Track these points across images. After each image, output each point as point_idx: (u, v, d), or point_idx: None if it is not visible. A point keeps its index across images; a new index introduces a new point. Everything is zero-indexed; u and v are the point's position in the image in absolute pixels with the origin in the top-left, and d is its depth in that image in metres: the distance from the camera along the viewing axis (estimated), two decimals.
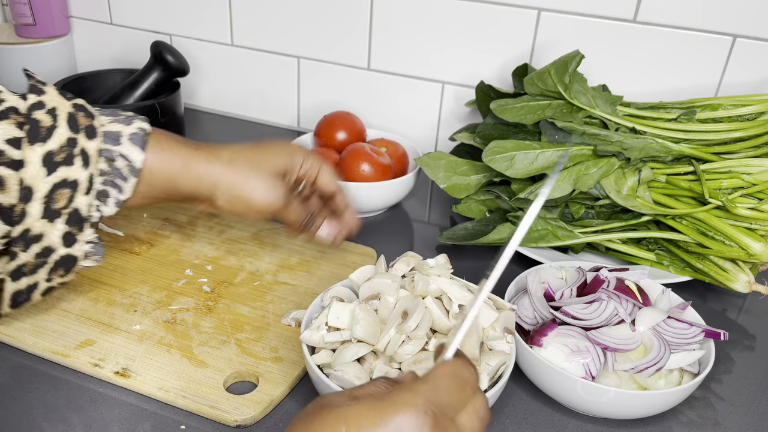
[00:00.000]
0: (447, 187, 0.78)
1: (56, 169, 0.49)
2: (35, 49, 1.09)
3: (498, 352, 0.51)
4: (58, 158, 0.50)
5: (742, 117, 0.72)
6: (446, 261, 0.58)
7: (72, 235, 0.52)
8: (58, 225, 0.51)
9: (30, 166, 0.48)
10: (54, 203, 0.50)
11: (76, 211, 0.51)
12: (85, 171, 0.51)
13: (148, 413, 0.53)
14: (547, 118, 0.72)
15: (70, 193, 0.50)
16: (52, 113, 0.50)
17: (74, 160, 0.50)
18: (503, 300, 0.55)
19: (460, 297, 0.53)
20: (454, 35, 0.92)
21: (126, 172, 0.53)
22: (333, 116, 0.88)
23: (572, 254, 0.73)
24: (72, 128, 0.51)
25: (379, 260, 0.58)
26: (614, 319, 0.55)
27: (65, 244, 0.52)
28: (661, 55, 0.83)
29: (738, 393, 0.58)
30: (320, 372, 0.49)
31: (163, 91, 0.91)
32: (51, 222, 0.50)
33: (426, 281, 0.53)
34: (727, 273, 0.66)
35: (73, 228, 0.52)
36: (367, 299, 0.53)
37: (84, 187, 0.51)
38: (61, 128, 0.50)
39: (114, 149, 0.53)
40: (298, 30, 1.00)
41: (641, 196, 0.69)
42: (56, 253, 0.52)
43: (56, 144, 0.50)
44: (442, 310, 0.52)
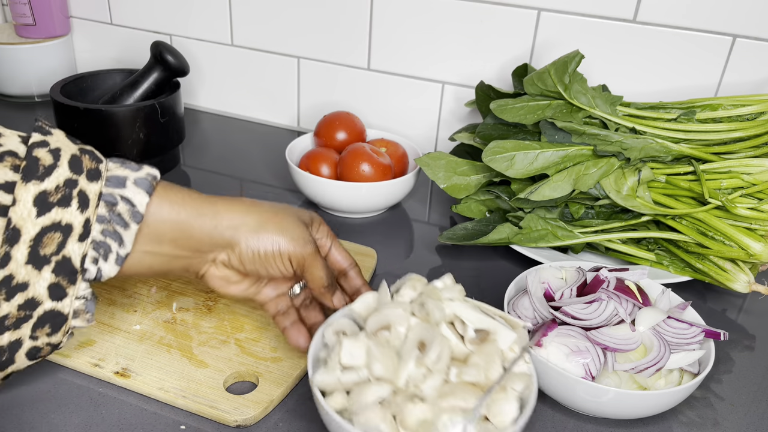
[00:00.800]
0: (447, 187, 0.78)
1: (49, 210, 0.44)
2: (35, 49, 1.09)
3: (521, 374, 0.48)
4: (52, 199, 0.44)
5: (741, 117, 0.72)
6: (452, 280, 0.53)
7: (61, 287, 0.45)
8: (44, 274, 0.44)
9: (20, 205, 0.43)
10: (42, 248, 0.44)
11: (66, 259, 0.45)
12: (81, 215, 0.45)
13: (148, 413, 0.53)
14: (547, 118, 0.72)
15: (60, 237, 0.44)
16: (54, 153, 0.45)
17: (71, 201, 0.45)
18: (514, 317, 0.52)
19: (476, 320, 0.49)
20: (454, 35, 0.92)
21: (127, 218, 0.47)
22: (333, 116, 0.88)
23: (572, 254, 0.73)
24: (74, 169, 0.46)
25: (381, 287, 0.52)
26: (614, 319, 0.55)
27: (52, 297, 0.45)
28: (661, 55, 0.83)
29: (738, 393, 0.58)
30: (342, 420, 0.44)
31: (163, 91, 0.91)
32: (37, 269, 0.44)
33: (440, 308, 0.49)
34: (727, 273, 0.66)
35: (62, 279, 0.45)
36: (376, 331, 0.48)
37: (78, 232, 0.45)
38: (61, 168, 0.45)
39: (116, 192, 0.47)
40: (298, 30, 1.00)
41: (641, 196, 0.69)
42: (42, 307, 0.45)
43: (53, 184, 0.44)
44: (457, 335, 0.49)
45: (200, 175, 0.92)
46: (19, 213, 0.43)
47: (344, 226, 0.81)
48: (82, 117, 0.82)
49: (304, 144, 0.89)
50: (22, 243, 0.43)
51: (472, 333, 0.49)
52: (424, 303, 0.49)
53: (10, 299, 0.43)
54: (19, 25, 1.09)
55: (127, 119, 0.83)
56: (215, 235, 0.51)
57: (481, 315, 0.49)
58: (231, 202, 0.53)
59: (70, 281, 0.45)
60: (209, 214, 0.51)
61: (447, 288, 0.52)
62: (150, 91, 0.89)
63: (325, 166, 0.82)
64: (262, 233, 0.52)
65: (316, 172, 0.81)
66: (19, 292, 0.44)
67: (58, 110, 0.84)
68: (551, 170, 0.70)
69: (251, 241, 0.52)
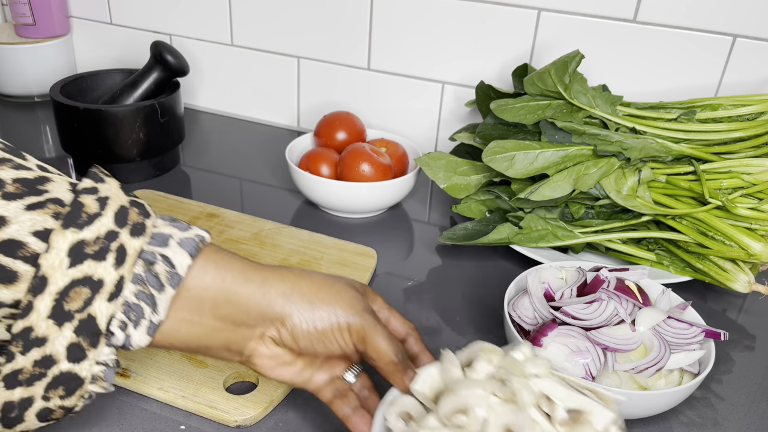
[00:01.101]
0: (447, 187, 0.78)
1: (82, 262, 0.39)
2: (35, 49, 1.09)
3: None
4: (88, 250, 0.40)
5: (742, 117, 0.72)
6: (531, 350, 0.46)
7: (81, 348, 0.40)
8: (65, 331, 0.40)
9: (53, 252, 0.39)
10: (67, 302, 0.39)
11: (91, 318, 0.40)
12: (116, 272, 0.41)
13: (148, 413, 0.53)
14: (547, 118, 0.72)
15: (89, 293, 0.40)
16: (102, 201, 0.41)
17: (107, 255, 0.40)
18: (602, 388, 0.44)
19: (567, 398, 0.42)
20: (454, 35, 0.92)
21: (164, 279, 0.42)
22: (333, 116, 0.88)
23: (572, 254, 0.73)
24: (118, 221, 0.41)
25: (445, 356, 0.45)
26: (614, 319, 0.55)
27: (70, 358, 0.40)
28: (661, 55, 0.83)
29: (738, 393, 0.58)
30: None
31: (162, 91, 0.91)
32: (58, 325, 0.39)
33: (528, 387, 0.41)
34: (727, 273, 0.66)
35: (83, 339, 0.40)
36: (450, 415, 0.41)
37: (108, 290, 0.40)
38: (105, 218, 0.41)
39: (157, 250, 0.42)
40: (298, 30, 1.00)
41: (641, 196, 0.69)
42: (57, 366, 0.40)
43: (93, 234, 0.40)
44: (544, 415, 0.42)
45: (200, 175, 0.92)
46: (50, 261, 0.39)
47: (344, 226, 0.81)
48: (82, 117, 0.82)
49: (304, 144, 0.89)
50: (47, 294, 0.39)
51: (563, 414, 0.42)
52: (508, 381, 0.41)
53: (26, 353, 0.39)
54: (19, 25, 1.09)
55: (126, 119, 0.83)
56: (263, 304, 0.45)
57: (571, 391, 0.42)
58: (280, 269, 0.47)
59: (92, 343, 0.41)
60: (257, 281, 0.45)
61: (530, 361, 0.44)
62: (150, 91, 0.89)
63: (325, 166, 0.82)
64: (317, 302, 0.46)
65: (316, 172, 0.81)
66: (36, 347, 0.40)
67: (57, 110, 0.84)
68: (551, 170, 0.70)
69: (305, 311, 0.46)
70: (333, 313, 0.46)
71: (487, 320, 0.66)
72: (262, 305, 0.45)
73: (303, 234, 0.75)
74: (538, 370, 0.43)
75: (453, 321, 0.65)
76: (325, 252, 0.72)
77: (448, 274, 0.73)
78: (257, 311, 0.45)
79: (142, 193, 0.82)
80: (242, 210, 0.82)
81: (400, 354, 0.47)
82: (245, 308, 0.45)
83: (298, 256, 0.72)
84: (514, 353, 0.44)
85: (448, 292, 0.70)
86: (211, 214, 0.78)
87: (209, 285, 0.44)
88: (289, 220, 0.82)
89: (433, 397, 0.44)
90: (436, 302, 0.68)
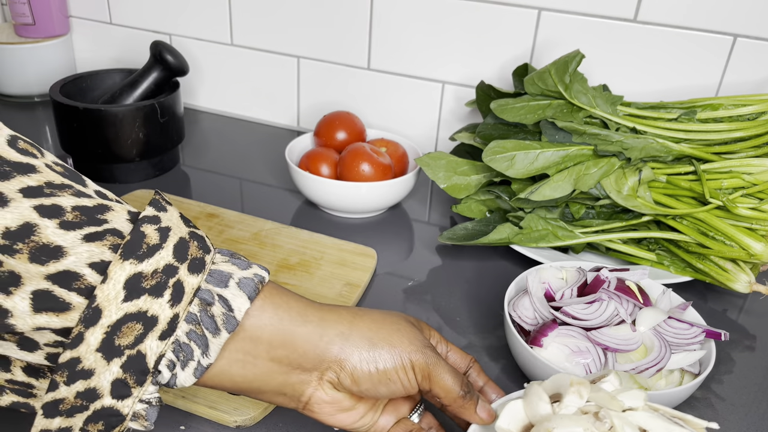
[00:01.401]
0: (447, 187, 0.78)
1: (138, 297, 0.38)
2: (35, 48, 1.09)
3: None
4: (145, 284, 0.38)
5: (742, 117, 0.72)
6: (619, 380, 0.43)
7: (126, 385, 0.39)
8: (113, 367, 0.38)
9: (110, 284, 0.37)
10: (119, 337, 0.38)
11: (141, 355, 0.39)
12: (171, 309, 0.39)
13: None
14: (548, 118, 0.72)
15: (141, 330, 0.38)
16: (163, 232, 0.40)
17: (164, 292, 0.39)
18: (694, 417, 0.41)
19: (665, 431, 0.40)
20: (454, 35, 0.92)
21: (220, 323, 0.40)
22: (333, 116, 0.88)
23: (573, 254, 0.73)
24: (177, 255, 0.40)
25: (531, 389, 0.42)
26: (615, 319, 0.55)
27: (114, 394, 0.39)
28: (661, 54, 0.83)
29: (738, 393, 0.58)
30: None
31: (162, 91, 0.91)
32: (107, 360, 0.38)
33: (628, 422, 0.39)
34: (728, 273, 0.66)
35: (129, 376, 0.39)
36: None
37: (161, 328, 0.39)
38: (165, 251, 0.39)
39: (215, 290, 0.41)
40: (298, 30, 1.00)
41: (642, 196, 0.69)
42: (100, 401, 0.39)
43: (151, 267, 0.38)
44: None
45: (200, 175, 0.92)
46: (106, 292, 0.37)
47: (344, 226, 0.81)
48: (82, 117, 0.82)
49: (304, 144, 0.89)
50: (99, 327, 0.37)
51: None
52: (605, 416, 0.39)
53: (70, 384, 0.38)
54: (19, 25, 1.09)
55: (126, 119, 0.83)
56: (321, 345, 0.43)
57: (668, 423, 0.40)
58: (338, 309, 0.45)
59: (138, 381, 0.39)
60: (315, 321, 0.43)
61: (623, 393, 0.41)
62: (149, 91, 0.89)
63: (324, 166, 0.82)
64: (377, 341, 0.43)
65: (316, 171, 0.81)
66: (82, 379, 0.38)
67: (57, 110, 0.84)
68: (552, 170, 0.69)
69: (366, 351, 0.43)
70: (395, 352, 0.43)
71: (487, 320, 0.66)
72: (320, 347, 0.43)
73: (303, 234, 0.75)
74: (633, 402, 0.41)
75: (453, 321, 0.65)
76: (325, 252, 0.72)
77: (448, 274, 0.73)
78: (314, 353, 0.43)
79: (142, 193, 0.82)
80: (242, 210, 0.82)
81: (466, 387, 0.45)
82: (302, 350, 0.43)
83: (298, 256, 0.72)
84: (603, 384, 0.42)
85: (448, 292, 0.70)
86: (211, 214, 0.78)
87: (266, 325, 0.42)
88: (289, 220, 0.81)
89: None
90: (436, 302, 0.68)
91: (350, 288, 0.67)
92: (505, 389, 0.56)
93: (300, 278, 0.68)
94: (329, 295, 0.65)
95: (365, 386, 0.43)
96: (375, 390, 0.44)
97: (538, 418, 0.40)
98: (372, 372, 0.43)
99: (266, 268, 0.44)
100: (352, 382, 0.43)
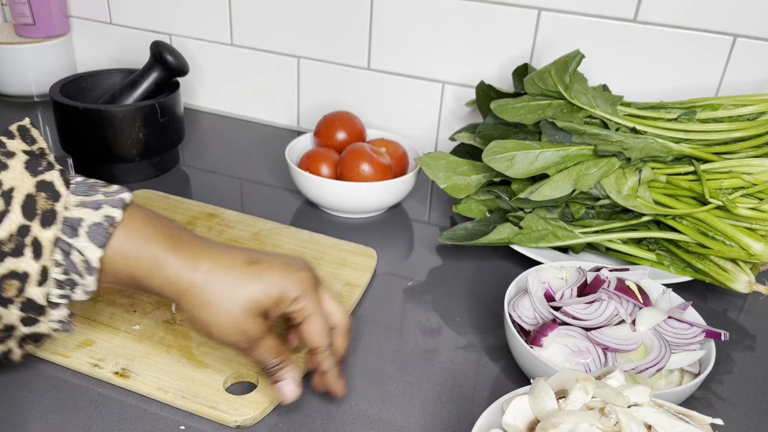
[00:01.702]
0: (447, 187, 0.78)
1: (3, 260, 0.43)
2: (35, 48, 1.09)
3: None
4: (5, 248, 0.43)
5: (742, 117, 0.72)
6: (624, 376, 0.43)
7: (32, 318, 0.46)
8: (13, 311, 0.45)
9: None
10: (4, 292, 0.44)
11: (30, 300, 0.45)
12: (36, 263, 0.44)
13: (148, 414, 0.53)
14: (548, 118, 0.72)
15: (19, 284, 0.44)
16: (6, 196, 0.43)
17: (24, 250, 0.44)
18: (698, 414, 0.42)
19: (671, 427, 0.39)
20: (455, 35, 0.92)
21: (81, 269, 0.46)
22: (333, 116, 0.88)
23: (572, 254, 0.73)
24: (27, 214, 0.44)
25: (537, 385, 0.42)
26: (615, 319, 0.55)
27: (26, 325, 0.47)
28: (661, 54, 0.83)
29: (738, 393, 0.58)
30: None
31: (162, 91, 0.91)
32: (5, 307, 0.45)
33: (635, 418, 0.39)
34: (728, 273, 0.66)
35: (31, 313, 0.46)
36: None
37: (35, 279, 0.45)
38: (13, 214, 0.43)
39: (69, 241, 0.45)
40: (298, 30, 1.00)
41: (641, 196, 0.69)
42: (19, 331, 0.47)
43: (5, 233, 0.43)
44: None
45: (200, 175, 0.92)
46: None
47: (344, 226, 0.81)
48: (82, 117, 0.82)
49: (304, 144, 0.89)
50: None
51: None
52: (610, 412, 0.39)
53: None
54: (19, 25, 1.09)
55: (126, 119, 0.83)
56: (164, 292, 0.48)
57: (673, 419, 0.40)
58: (187, 265, 0.48)
59: (39, 314, 0.46)
60: (162, 274, 0.48)
61: (628, 388, 0.41)
62: (149, 91, 0.89)
63: (325, 166, 0.82)
64: (198, 315, 0.48)
65: (316, 171, 0.81)
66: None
67: (57, 110, 0.84)
68: (552, 170, 0.69)
69: (187, 315, 0.49)
70: (209, 332, 0.49)
71: (487, 320, 0.66)
72: (167, 293, 0.48)
73: (303, 234, 0.75)
74: (639, 398, 0.41)
75: (453, 321, 0.65)
76: (325, 252, 0.72)
77: (448, 274, 0.73)
78: (162, 294, 0.48)
79: (142, 193, 0.82)
80: (242, 210, 0.82)
81: (272, 366, 0.51)
82: (152, 290, 0.48)
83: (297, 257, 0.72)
84: (609, 380, 0.42)
85: (448, 292, 0.70)
86: (211, 214, 0.78)
87: (120, 269, 0.47)
88: (289, 220, 0.82)
89: (525, 430, 0.41)
90: (436, 302, 0.68)
91: (350, 288, 0.67)
92: (505, 389, 0.57)
93: None
94: None
95: (195, 330, 0.50)
96: (201, 335, 0.50)
97: (544, 414, 0.40)
98: (196, 328, 0.49)
99: (125, 191, 0.48)
100: (187, 323, 0.51)
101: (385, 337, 0.63)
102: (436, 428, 0.53)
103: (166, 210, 0.78)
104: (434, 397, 0.56)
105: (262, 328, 0.49)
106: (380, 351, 0.61)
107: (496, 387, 0.57)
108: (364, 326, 0.64)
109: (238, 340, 0.49)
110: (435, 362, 0.60)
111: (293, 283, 0.49)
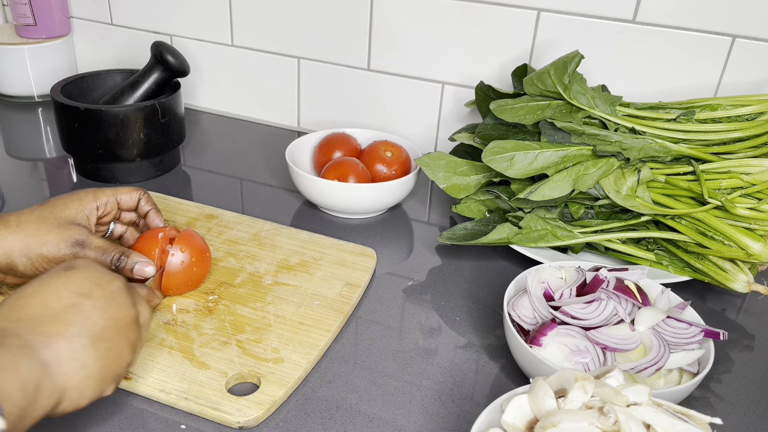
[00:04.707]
0: (447, 187, 0.78)
1: None
2: (35, 49, 1.09)
3: None
4: None
5: (741, 117, 0.72)
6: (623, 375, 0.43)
7: None
8: None
9: None
10: None
11: None
12: None
13: (150, 415, 0.53)
14: (547, 119, 0.72)
15: None
16: None
17: None
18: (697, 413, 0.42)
19: (670, 426, 0.40)
20: (454, 36, 0.92)
21: None
22: (329, 138, 0.88)
23: (572, 254, 0.73)
24: None
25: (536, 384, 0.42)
26: (614, 318, 0.55)
27: None
28: (660, 55, 0.83)
29: (737, 393, 0.59)
30: None
31: (163, 92, 0.91)
32: None
33: (634, 418, 0.39)
34: (727, 273, 0.66)
35: None
36: None
37: None
38: None
39: None
40: (298, 30, 1.01)
41: (640, 196, 0.69)
42: None
43: None
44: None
45: (200, 175, 0.92)
46: None
47: (344, 227, 0.81)
48: (83, 117, 0.82)
49: (304, 144, 0.89)
50: None
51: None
52: (609, 411, 0.39)
53: None
54: (20, 26, 1.09)
55: (127, 119, 0.83)
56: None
57: (672, 418, 0.40)
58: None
59: None
60: None
61: (627, 388, 0.41)
62: (150, 92, 0.89)
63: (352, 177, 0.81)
64: (31, 252, 0.56)
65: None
66: None
67: (58, 110, 0.84)
68: (551, 170, 0.70)
69: (25, 262, 0.57)
70: (46, 256, 0.57)
71: (487, 320, 0.66)
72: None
73: (302, 234, 0.76)
74: (638, 397, 0.41)
75: (453, 321, 0.66)
76: (325, 252, 0.73)
77: (448, 274, 0.73)
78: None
79: None
80: (242, 210, 0.82)
81: (112, 258, 0.59)
82: None
83: (297, 257, 0.72)
84: (608, 380, 0.42)
85: (447, 292, 0.70)
86: (210, 215, 0.78)
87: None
88: (288, 221, 0.82)
89: (524, 429, 0.41)
90: (436, 302, 0.68)
91: (350, 288, 0.67)
92: (505, 388, 0.57)
93: (300, 279, 0.68)
94: (329, 296, 0.66)
95: (40, 271, 0.57)
96: (47, 270, 0.53)
97: (543, 413, 0.41)
98: (39, 265, 0.57)
99: None
100: (30, 272, 0.57)
101: (385, 337, 0.63)
102: (436, 427, 0.53)
103: (166, 211, 0.79)
104: (434, 396, 0.56)
105: (87, 233, 0.59)
106: (380, 351, 0.61)
107: (495, 386, 0.58)
108: (364, 326, 0.64)
109: (69, 249, 0.57)
110: (435, 362, 0.60)
111: (84, 193, 0.62)
